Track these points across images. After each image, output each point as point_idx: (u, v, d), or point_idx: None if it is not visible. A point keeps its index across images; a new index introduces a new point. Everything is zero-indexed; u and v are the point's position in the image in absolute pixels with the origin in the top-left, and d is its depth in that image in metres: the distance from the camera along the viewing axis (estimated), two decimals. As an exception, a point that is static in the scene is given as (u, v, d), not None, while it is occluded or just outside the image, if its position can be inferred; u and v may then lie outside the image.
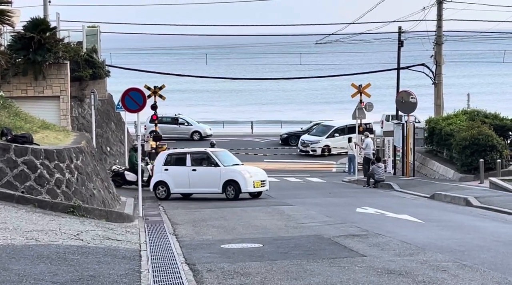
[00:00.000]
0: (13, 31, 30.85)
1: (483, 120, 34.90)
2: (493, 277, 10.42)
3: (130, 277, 9.81)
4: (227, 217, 18.67)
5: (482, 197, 23.64)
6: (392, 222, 17.76)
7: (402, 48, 46.01)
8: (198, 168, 25.61)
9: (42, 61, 30.80)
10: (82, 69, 36.21)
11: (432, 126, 36.44)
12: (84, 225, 14.33)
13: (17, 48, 30.81)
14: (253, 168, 27.25)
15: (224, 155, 27.11)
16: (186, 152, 27.56)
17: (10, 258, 10.32)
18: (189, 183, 25.50)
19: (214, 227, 16.65)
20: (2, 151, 15.56)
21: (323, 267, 11.08)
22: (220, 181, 24.75)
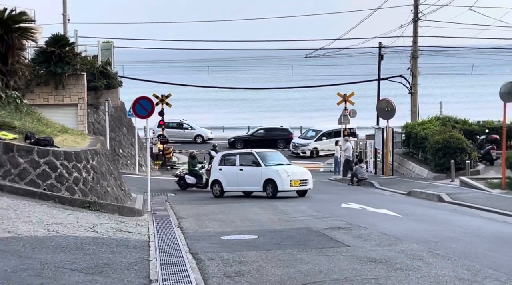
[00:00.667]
0: (36, 46, 30.90)
1: (454, 125, 35.04)
2: (462, 264, 10.47)
3: (140, 265, 9.84)
4: (226, 212, 18.68)
5: (453, 194, 23.68)
6: (373, 216, 17.78)
7: (382, 61, 46.11)
8: (245, 167, 24.67)
9: (62, 72, 30.86)
10: (97, 80, 36.19)
11: (408, 130, 36.51)
12: (99, 218, 14.35)
13: (39, 61, 30.86)
14: (296, 168, 25.70)
15: (269, 155, 26.05)
16: (236, 153, 27.03)
17: (33, 248, 10.35)
18: (237, 182, 24.87)
19: (215, 221, 16.66)
20: (26, 153, 15.58)
21: (312, 256, 11.11)
22: (261, 179, 23.86)
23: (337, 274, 9.58)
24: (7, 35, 19.55)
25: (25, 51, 22.73)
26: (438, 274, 9.68)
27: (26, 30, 20.68)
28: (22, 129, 16.71)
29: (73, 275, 8.84)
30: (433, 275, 9.57)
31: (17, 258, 9.57)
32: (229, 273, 9.75)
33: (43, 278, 8.57)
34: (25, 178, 15.38)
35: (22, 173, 15.43)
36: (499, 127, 32.22)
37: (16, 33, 20.03)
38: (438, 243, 12.66)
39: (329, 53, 50.38)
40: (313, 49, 50.98)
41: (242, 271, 9.85)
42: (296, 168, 25.54)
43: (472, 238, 13.73)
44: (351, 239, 13.03)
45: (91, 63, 36.52)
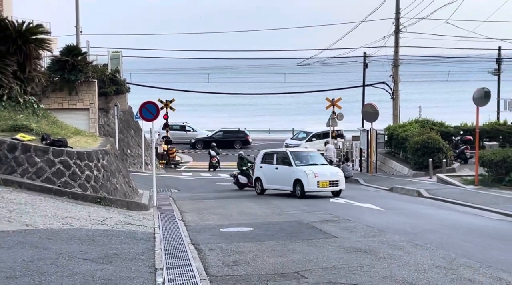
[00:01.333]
0: (52, 56, 30.92)
1: (431, 127, 35.08)
2: (439, 253, 10.51)
3: (146, 255, 9.85)
4: (225, 207, 18.69)
5: (431, 190, 23.74)
6: (358, 210, 17.81)
7: (367, 69, 46.19)
8: (280, 166, 22.83)
9: (75, 79, 30.84)
10: (107, 86, 36.18)
11: (391, 132, 36.54)
12: (109, 212, 14.35)
13: (54, 69, 30.84)
14: (327, 168, 23.09)
15: (304, 155, 23.69)
16: (274, 152, 24.58)
17: (49, 239, 10.35)
18: (274, 180, 23.12)
19: (215, 214, 16.66)
20: (43, 153, 15.57)
21: (303, 247, 11.14)
22: (291, 179, 21.92)
23: (325, 263, 9.60)
24: (25, 45, 19.54)
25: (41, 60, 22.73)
26: (418, 262, 9.71)
27: (42, 41, 20.67)
28: (38, 131, 16.71)
29: (85, 264, 8.84)
30: (413, 263, 9.60)
31: (34, 248, 9.57)
32: (227, 262, 9.77)
33: (58, 267, 8.58)
34: (41, 176, 15.38)
35: (39, 171, 15.43)
36: (473, 129, 32.26)
37: (33, 43, 20.02)
38: (418, 235, 12.70)
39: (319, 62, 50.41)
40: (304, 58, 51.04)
41: (239, 260, 9.86)
42: (327, 168, 23.08)
43: (448, 230, 13.77)
44: (338, 231, 13.06)
45: (101, 71, 36.51)
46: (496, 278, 8.67)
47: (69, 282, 7.80)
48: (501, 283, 8.38)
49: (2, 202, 13.06)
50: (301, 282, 8.38)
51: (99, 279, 8.05)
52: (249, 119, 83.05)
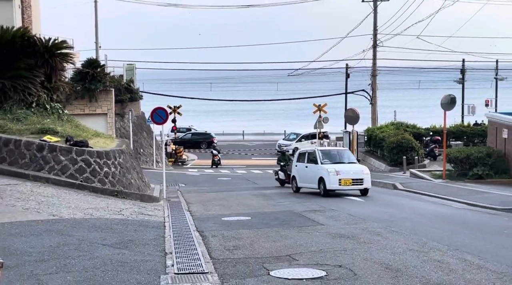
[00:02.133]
0: (74, 68, 30.98)
1: (405, 129, 35.23)
2: (412, 239, 10.52)
3: (157, 241, 9.85)
4: (226, 199, 18.69)
5: (405, 183, 23.81)
6: (342, 201, 17.82)
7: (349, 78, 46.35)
8: (309, 165, 20.35)
9: (95, 88, 30.87)
10: (122, 94, 36.20)
11: (369, 133, 36.62)
12: (124, 204, 14.34)
13: (77, 79, 30.87)
14: (353, 166, 20.01)
15: (333, 154, 21.11)
16: (306, 151, 21.76)
17: (72, 228, 10.35)
18: (304, 179, 20.71)
19: (217, 205, 16.67)
20: (67, 152, 15.55)
21: (294, 233, 11.14)
22: (316, 177, 19.57)
23: (314, 247, 9.61)
24: (51, 59, 19.51)
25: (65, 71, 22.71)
26: (393, 246, 9.73)
27: (66, 55, 20.64)
28: (63, 133, 16.68)
29: (104, 249, 8.84)
30: (389, 247, 9.61)
31: (60, 236, 9.56)
32: (228, 246, 9.77)
33: (80, 251, 8.57)
34: (65, 172, 15.36)
35: (64, 168, 15.41)
36: (441, 130, 32.36)
37: (58, 57, 19.98)
38: (393, 222, 12.72)
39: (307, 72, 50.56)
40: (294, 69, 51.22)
41: (238, 245, 9.86)
42: (352, 167, 19.96)
43: (420, 218, 13.80)
44: (324, 219, 13.07)
45: (117, 81, 36.57)
46: (461, 259, 8.69)
47: (90, 265, 7.80)
48: (466, 263, 8.40)
49: (32, 195, 13.06)
50: (292, 264, 8.38)
51: (116, 262, 8.04)
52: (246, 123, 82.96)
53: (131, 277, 7.29)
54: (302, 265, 8.28)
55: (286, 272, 7.80)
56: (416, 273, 7.75)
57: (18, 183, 14.20)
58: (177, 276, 7.50)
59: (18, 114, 17.65)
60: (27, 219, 10.79)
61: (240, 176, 32.21)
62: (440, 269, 7.99)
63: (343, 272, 7.83)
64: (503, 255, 9.09)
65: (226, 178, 30.37)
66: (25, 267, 7.55)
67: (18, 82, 18.23)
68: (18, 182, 14.39)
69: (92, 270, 7.52)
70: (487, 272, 7.85)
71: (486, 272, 7.87)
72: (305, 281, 7.37)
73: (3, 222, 10.33)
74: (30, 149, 15.50)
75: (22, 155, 15.53)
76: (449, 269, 8.00)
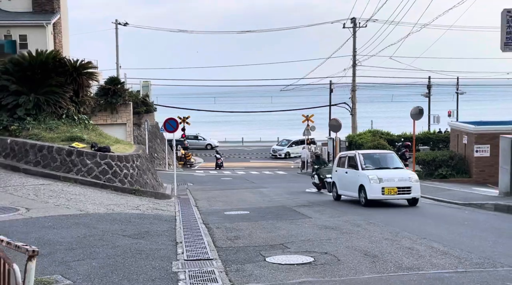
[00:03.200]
0: (98, 84, 30.96)
1: (380, 136, 35.27)
2: (387, 229, 10.52)
3: (169, 232, 9.83)
4: (228, 196, 18.68)
5: (380, 182, 23.72)
6: (326, 197, 17.82)
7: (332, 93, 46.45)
8: (349, 170, 15.81)
9: (116, 102, 30.91)
10: (139, 107, 36.20)
11: (350, 139, 36.61)
12: (141, 201, 14.32)
13: (100, 94, 30.90)
14: (398, 173, 15.08)
15: (376, 157, 16.07)
16: (346, 155, 16.79)
17: (97, 221, 10.32)
18: (344, 186, 16.15)
19: (220, 201, 16.65)
20: (92, 156, 15.54)
21: (286, 225, 11.13)
22: (356, 185, 15.09)
23: (303, 237, 9.60)
24: (78, 77, 19.52)
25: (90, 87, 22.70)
26: (371, 235, 9.72)
27: (92, 74, 20.65)
28: (89, 140, 16.68)
29: (124, 239, 8.81)
30: (368, 236, 9.60)
31: (86, 228, 9.54)
32: (230, 237, 9.75)
33: (103, 241, 8.55)
34: (91, 174, 15.35)
35: (89, 170, 15.39)
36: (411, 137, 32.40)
37: (85, 76, 19.99)
38: (371, 215, 12.71)
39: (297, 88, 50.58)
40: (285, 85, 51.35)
41: (239, 235, 9.85)
42: (398, 173, 15.04)
43: (393, 211, 13.79)
44: (312, 213, 13.07)
45: (135, 95, 36.59)
46: (429, 246, 8.69)
47: (112, 253, 7.77)
48: (433, 250, 8.40)
49: (62, 193, 13.03)
50: (285, 251, 8.37)
51: (135, 250, 8.02)
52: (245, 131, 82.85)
53: (147, 263, 7.27)
54: (293, 252, 8.27)
55: (280, 258, 7.79)
56: (390, 259, 7.74)
57: (50, 183, 14.18)
58: (186, 262, 7.48)
59: (51, 124, 17.64)
60: (58, 213, 10.76)
61: (240, 177, 32.19)
62: (411, 255, 7.99)
63: (328, 258, 7.82)
64: (464, 243, 9.09)
65: (228, 178, 30.35)
66: (56, 255, 7.53)
67: (50, 97, 18.22)
68: (51, 182, 14.37)
69: (113, 257, 7.50)
70: (450, 258, 7.85)
71: (450, 257, 7.87)
72: (296, 266, 7.36)
73: (38, 216, 10.30)
74: (61, 154, 15.48)
75: (54, 159, 15.51)
76: (418, 255, 7.99)
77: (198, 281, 6.53)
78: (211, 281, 6.54)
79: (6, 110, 17.82)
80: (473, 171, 24.93)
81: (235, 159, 48.58)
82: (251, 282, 6.57)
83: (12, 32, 33.86)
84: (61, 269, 6.82)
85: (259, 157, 50.83)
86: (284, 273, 6.99)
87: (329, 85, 47.10)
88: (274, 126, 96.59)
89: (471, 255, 8.02)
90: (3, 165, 15.84)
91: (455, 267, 7.30)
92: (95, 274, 6.67)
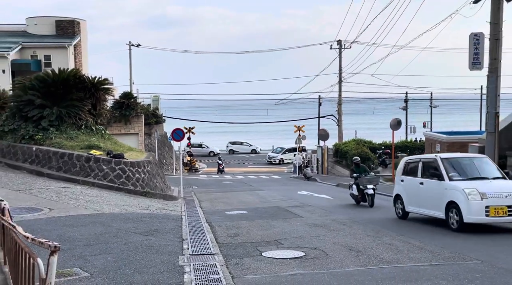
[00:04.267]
0: (114, 99, 30.96)
1: (363, 144, 35.25)
2: (370, 227, 10.50)
3: (176, 229, 9.80)
4: (229, 197, 18.63)
5: (364, 185, 23.73)
6: (316, 199, 17.79)
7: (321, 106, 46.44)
8: (426, 181, 10.70)
9: (129, 114, 30.92)
10: (150, 118, 36.19)
11: (337, 147, 36.62)
12: (151, 202, 14.28)
13: (115, 107, 30.92)
14: (502, 185, 9.73)
15: (464, 164, 10.54)
16: (418, 160, 11.43)
17: (111, 220, 10.28)
18: (417, 201, 11.04)
19: (222, 202, 16.61)
20: (108, 162, 15.50)
21: (280, 223, 11.10)
22: (442, 201, 9.93)
23: (295, 234, 9.58)
24: (96, 92, 19.53)
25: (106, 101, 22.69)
26: (355, 233, 9.71)
27: (108, 89, 20.65)
28: (105, 148, 16.64)
29: (136, 236, 8.78)
30: (352, 233, 9.59)
31: (102, 226, 9.50)
32: (230, 234, 9.73)
33: (117, 238, 8.52)
34: (107, 178, 15.30)
35: (105, 175, 15.35)
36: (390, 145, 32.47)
37: (102, 91, 19.98)
38: (355, 215, 12.70)
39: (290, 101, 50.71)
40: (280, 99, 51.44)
41: (238, 233, 9.83)
42: (503, 185, 9.78)
43: (374, 211, 13.77)
44: (303, 213, 13.04)
45: (146, 108, 36.60)
46: (406, 242, 8.68)
47: (125, 248, 7.74)
48: (410, 245, 8.39)
49: (81, 195, 12.99)
50: (279, 246, 8.35)
51: (145, 246, 7.99)
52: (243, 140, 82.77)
53: (156, 257, 7.24)
54: (286, 247, 8.25)
55: (274, 253, 7.77)
56: (372, 253, 7.73)
57: (70, 186, 14.13)
58: (191, 256, 7.46)
59: (71, 134, 17.62)
60: (77, 213, 10.73)
61: (239, 180, 32.12)
62: (391, 250, 7.98)
63: (318, 252, 7.80)
64: (438, 239, 9.08)
65: (229, 182, 30.27)
66: (76, 250, 7.49)
67: (71, 110, 18.21)
68: (71, 185, 14.32)
69: (126, 252, 7.47)
70: (425, 252, 7.84)
71: (425, 252, 7.87)
72: (289, 260, 7.34)
73: (60, 216, 10.26)
74: (80, 160, 15.45)
75: (74, 165, 15.48)
76: (397, 250, 7.98)
77: (201, 273, 6.51)
78: (213, 273, 6.52)
79: (32, 121, 17.82)
80: (446, 175, 24.93)
81: (235, 165, 48.51)
82: (249, 274, 6.55)
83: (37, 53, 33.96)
84: (79, 263, 6.79)
85: (256, 163, 50.77)
86: (278, 266, 6.97)
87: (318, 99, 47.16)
88: (269, 136, 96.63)
89: (443, 250, 8.01)
90: (29, 170, 15.81)
91: (430, 260, 7.29)
92: (110, 267, 6.64)
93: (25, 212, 10.48)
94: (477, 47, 16.14)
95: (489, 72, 15.51)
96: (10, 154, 17.13)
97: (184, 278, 6.22)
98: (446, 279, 6.22)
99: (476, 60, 16.15)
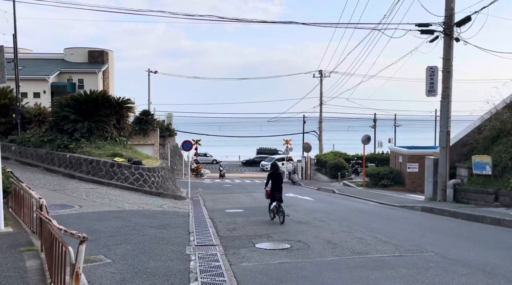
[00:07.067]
0: (134, 115, 30.92)
1: (340, 155, 35.32)
2: (344, 223, 10.46)
3: (185, 224, 9.74)
4: (228, 198, 18.54)
5: (340, 189, 23.74)
6: (301, 200, 17.74)
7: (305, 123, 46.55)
8: None
9: (147, 129, 30.83)
10: (164, 132, 36.07)
11: (318, 158, 36.71)
12: (164, 201, 14.20)
13: (136, 122, 30.82)
14: None
15: None
16: None
17: (130, 216, 10.21)
18: None
19: (222, 202, 16.52)
20: (128, 168, 15.43)
21: (270, 220, 11.05)
22: None
23: (283, 229, 9.54)
24: (120, 110, 19.54)
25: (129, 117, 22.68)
26: (332, 228, 9.68)
27: (130, 108, 20.65)
28: (126, 156, 16.58)
29: (151, 229, 8.72)
30: (330, 229, 9.57)
31: (123, 221, 9.43)
32: (229, 228, 9.67)
33: (136, 230, 8.45)
34: (127, 180, 15.22)
35: (126, 178, 15.27)
36: (362, 156, 32.56)
37: (125, 109, 19.98)
38: (332, 213, 12.66)
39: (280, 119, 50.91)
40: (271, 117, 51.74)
41: (235, 228, 9.78)
42: None
43: (349, 211, 13.74)
44: (290, 211, 12.96)
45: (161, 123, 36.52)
46: (374, 237, 8.67)
47: (141, 239, 7.69)
48: (377, 240, 8.38)
49: (106, 195, 12.91)
50: (269, 239, 8.31)
51: (159, 237, 7.94)
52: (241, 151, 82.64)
53: (167, 247, 7.20)
54: (275, 240, 8.22)
55: (265, 245, 7.73)
56: (346, 245, 7.71)
57: (97, 187, 14.05)
58: (196, 246, 7.42)
59: (99, 144, 17.58)
60: (102, 210, 10.65)
61: (237, 184, 32.01)
62: (361, 243, 7.96)
63: (301, 245, 7.78)
64: (400, 234, 9.08)
65: (228, 185, 30.17)
66: (100, 241, 7.43)
67: (99, 124, 18.20)
68: (97, 186, 14.24)
69: (143, 243, 7.42)
70: (390, 245, 7.83)
71: (390, 245, 7.86)
72: (277, 251, 7.31)
73: (88, 212, 10.19)
74: (105, 166, 15.38)
75: (100, 169, 15.40)
76: (366, 243, 7.97)
77: (205, 261, 6.47)
78: (214, 261, 6.49)
79: (66, 133, 17.81)
80: (406, 182, 25.03)
81: (233, 171, 48.41)
82: (244, 262, 6.52)
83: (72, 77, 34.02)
84: (104, 251, 6.73)
85: (251, 170, 50.73)
86: (268, 255, 6.94)
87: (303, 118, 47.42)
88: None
89: (405, 243, 8.01)
90: (63, 173, 15.72)
91: (393, 252, 7.28)
92: (129, 255, 6.59)
93: (59, 208, 10.40)
94: (432, 77, 16.33)
95: (442, 98, 15.70)
96: (48, 160, 17.06)
97: (190, 265, 6.18)
98: (406, 267, 6.21)
99: (431, 88, 16.33)
